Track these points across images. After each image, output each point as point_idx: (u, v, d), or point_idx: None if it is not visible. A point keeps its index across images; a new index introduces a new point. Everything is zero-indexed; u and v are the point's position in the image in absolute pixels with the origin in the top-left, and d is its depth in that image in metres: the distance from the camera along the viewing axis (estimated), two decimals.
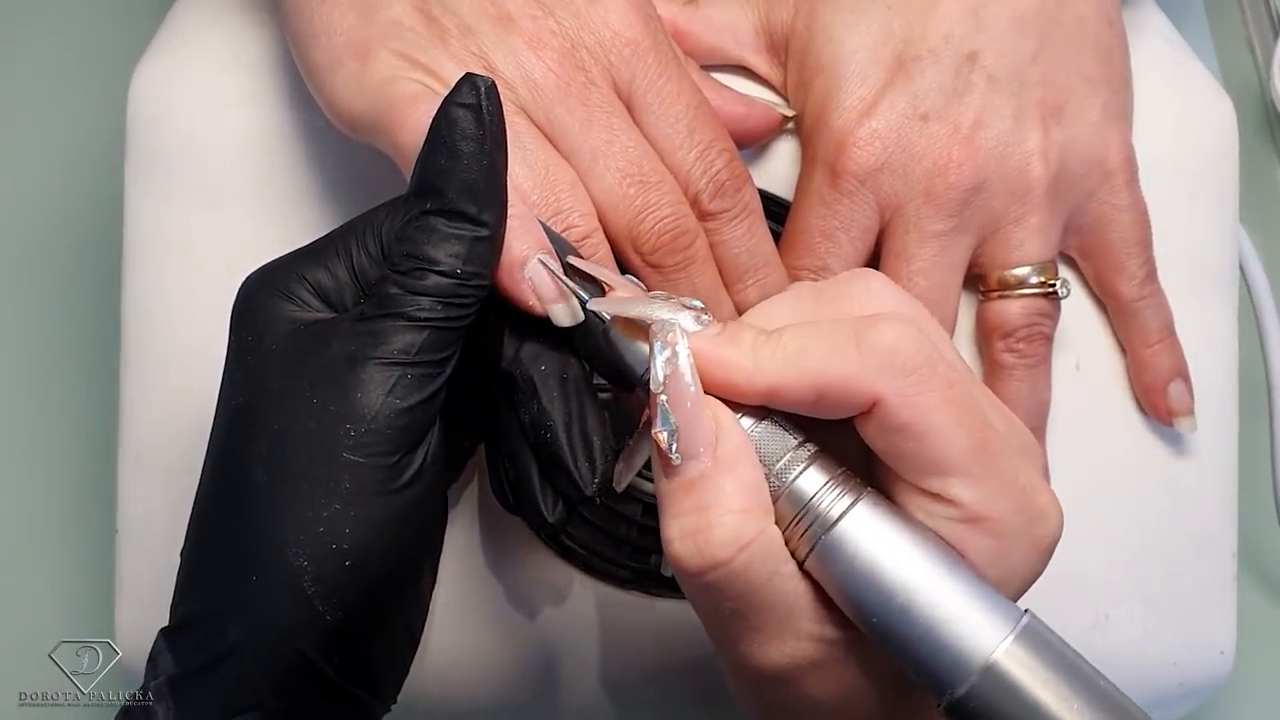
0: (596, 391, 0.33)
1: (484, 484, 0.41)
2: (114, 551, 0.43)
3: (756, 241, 0.38)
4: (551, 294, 0.31)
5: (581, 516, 0.41)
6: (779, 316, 0.30)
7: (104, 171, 0.48)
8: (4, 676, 0.51)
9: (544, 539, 0.41)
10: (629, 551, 0.42)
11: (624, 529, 0.42)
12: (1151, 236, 0.44)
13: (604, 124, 0.36)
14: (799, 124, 0.43)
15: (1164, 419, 0.44)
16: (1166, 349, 0.44)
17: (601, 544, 0.42)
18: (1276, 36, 0.60)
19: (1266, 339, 0.51)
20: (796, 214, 0.41)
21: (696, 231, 0.37)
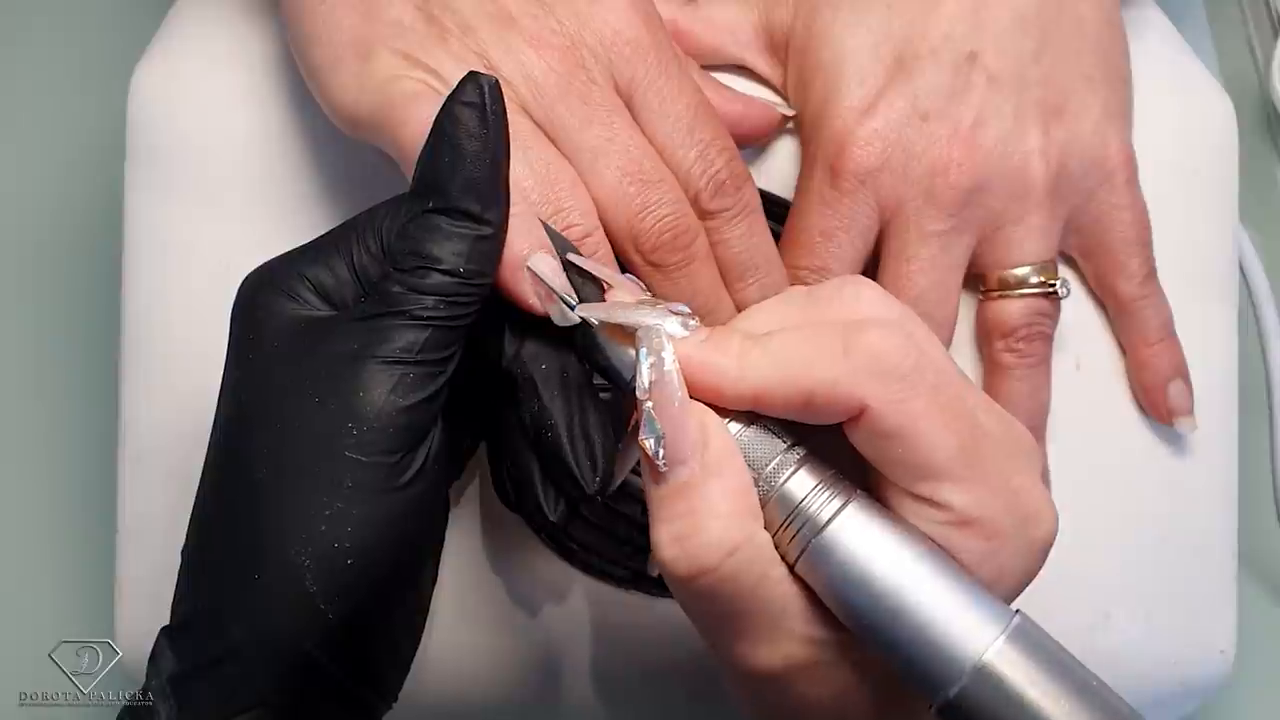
0: (597, 390, 0.33)
1: (485, 483, 0.41)
2: (114, 551, 0.43)
3: (757, 240, 0.38)
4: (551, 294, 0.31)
5: (582, 516, 0.41)
6: (769, 321, 0.30)
7: (104, 171, 0.48)
8: (4, 676, 0.50)
9: (544, 539, 0.41)
10: (629, 551, 0.42)
11: (624, 529, 0.42)
12: (1151, 236, 0.44)
13: (604, 123, 0.36)
14: (799, 123, 0.43)
15: (1164, 419, 0.44)
16: (1166, 348, 0.44)
17: (602, 544, 0.42)
18: (1276, 36, 0.60)
19: (1266, 339, 0.51)
20: (796, 213, 0.41)
21: (697, 230, 0.37)
